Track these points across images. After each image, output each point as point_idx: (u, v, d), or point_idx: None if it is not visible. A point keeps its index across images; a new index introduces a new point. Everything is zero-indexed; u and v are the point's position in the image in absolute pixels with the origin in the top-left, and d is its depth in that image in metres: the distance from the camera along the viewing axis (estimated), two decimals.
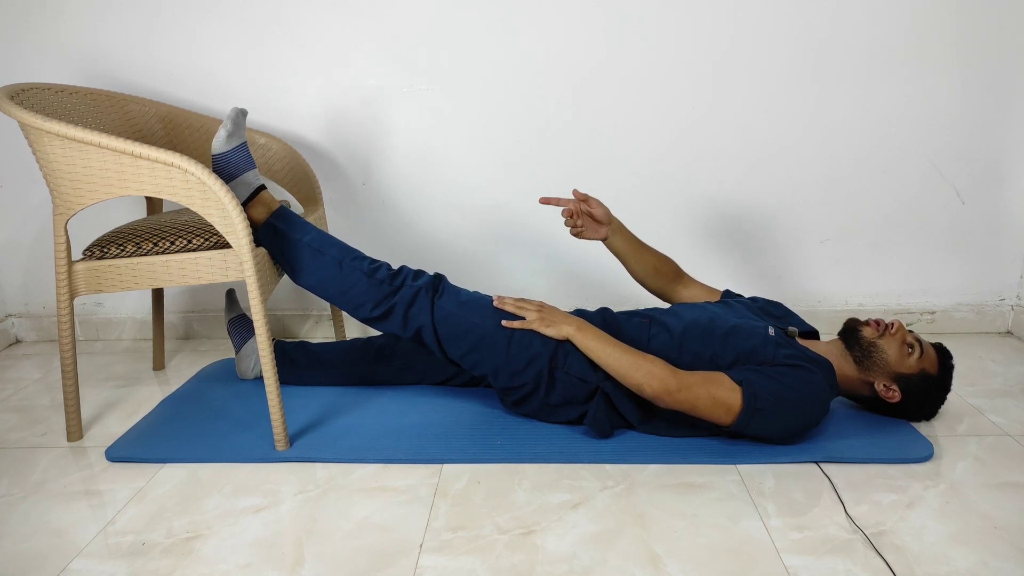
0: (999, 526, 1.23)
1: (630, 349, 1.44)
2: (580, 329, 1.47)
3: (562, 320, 1.50)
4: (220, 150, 1.47)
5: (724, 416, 1.39)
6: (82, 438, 1.58)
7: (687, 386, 1.38)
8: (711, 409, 1.38)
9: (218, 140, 1.47)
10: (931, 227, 2.06)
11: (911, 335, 1.50)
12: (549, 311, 1.52)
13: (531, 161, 2.03)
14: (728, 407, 1.38)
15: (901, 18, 1.87)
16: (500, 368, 1.51)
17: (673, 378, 1.38)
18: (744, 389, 1.37)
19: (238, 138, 1.49)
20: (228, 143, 1.47)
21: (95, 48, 1.95)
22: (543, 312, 1.51)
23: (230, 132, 1.46)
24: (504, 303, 1.53)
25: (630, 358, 1.42)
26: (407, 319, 1.51)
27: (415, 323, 1.51)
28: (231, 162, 1.48)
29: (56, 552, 1.20)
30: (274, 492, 1.36)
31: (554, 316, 1.51)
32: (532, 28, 1.90)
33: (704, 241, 2.08)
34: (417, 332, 1.52)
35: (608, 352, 1.44)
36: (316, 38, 1.93)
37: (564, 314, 1.52)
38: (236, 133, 1.48)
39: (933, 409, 1.56)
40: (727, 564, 1.14)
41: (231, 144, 1.48)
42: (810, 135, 1.98)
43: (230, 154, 1.48)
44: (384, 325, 1.53)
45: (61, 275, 1.47)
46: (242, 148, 1.50)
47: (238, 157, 1.49)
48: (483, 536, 1.22)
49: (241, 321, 1.82)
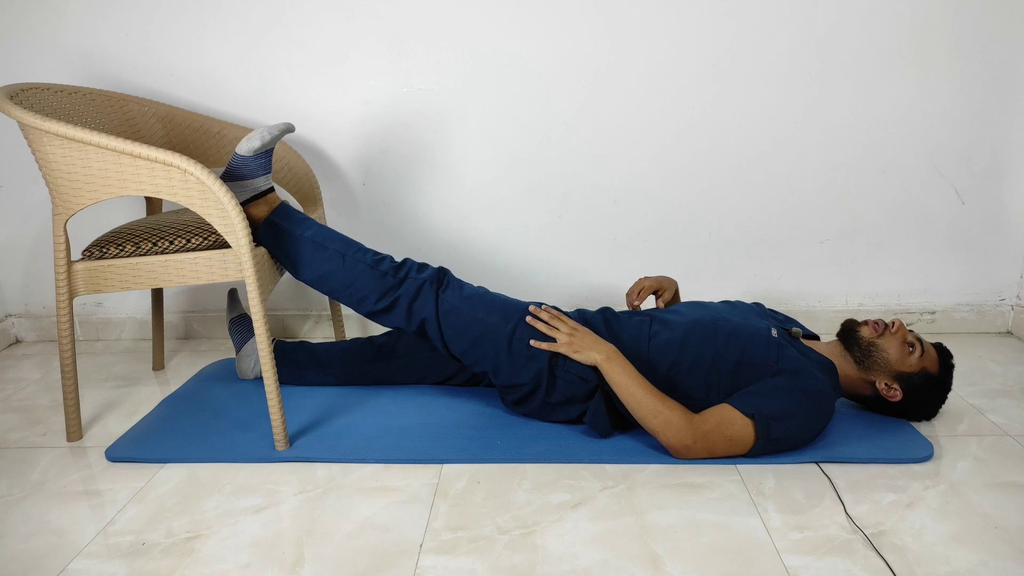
0: (999, 526, 1.23)
1: (654, 391, 1.41)
2: (609, 360, 1.43)
3: (592, 347, 1.45)
4: (244, 153, 1.45)
5: (740, 451, 1.40)
6: (82, 438, 1.58)
7: (703, 435, 1.37)
8: (728, 450, 1.39)
9: (248, 144, 1.44)
10: (931, 227, 2.06)
11: (911, 334, 1.51)
12: (581, 336, 1.47)
13: (531, 161, 2.03)
14: (743, 443, 1.38)
15: (901, 18, 1.87)
16: (501, 365, 1.51)
17: (689, 431, 1.37)
18: (756, 424, 1.36)
19: (267, 148, 1.48)
20: (255, 151, 1.45)
21: (94, 48, 1.95)
22: (575, 337, 1.47)
23: (265, 143, 1.45)
24: (537, 320, 1.50)
25: (651, 402, 1.39)
26: (411, 312, 1.51)
27: (419, 315, 1.51)
28: (248, 165, 1.47)
29: (56, 552, 1.20)
30: (274, 492, 1.36)
31: (585, 341, 1.46)
32: (532, 28, 1.90)
33: (704, 241, 2.08)
34: (421, 325, 1.52)
35: (632, 390, 1.41)
36: (316, 38, 1.93)
37: (595, 340, 1.47)
38: (269, 145, 1.47)
39: (934, 408, 1.56)
40: (727, 564, 1.14)
41: (258, 151, 1.46)
42: (810, 135, 1.98)
43: (250, 159, 1.47)
44: (388, 319, 1.53)
45: (61, 275, 1.47)
46: (265, 155, 1.49)
47: (256, 163, 1.48)
48: (483, 536, 1.22)
49: (242, 321, 1.82)
